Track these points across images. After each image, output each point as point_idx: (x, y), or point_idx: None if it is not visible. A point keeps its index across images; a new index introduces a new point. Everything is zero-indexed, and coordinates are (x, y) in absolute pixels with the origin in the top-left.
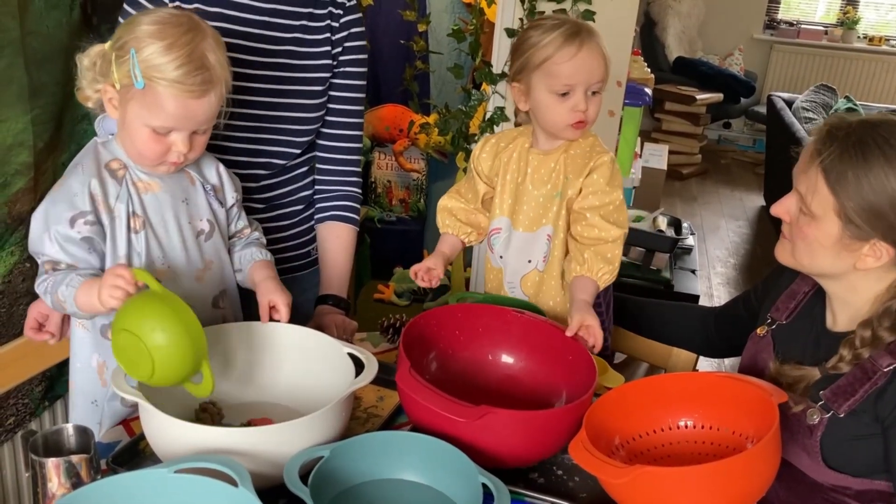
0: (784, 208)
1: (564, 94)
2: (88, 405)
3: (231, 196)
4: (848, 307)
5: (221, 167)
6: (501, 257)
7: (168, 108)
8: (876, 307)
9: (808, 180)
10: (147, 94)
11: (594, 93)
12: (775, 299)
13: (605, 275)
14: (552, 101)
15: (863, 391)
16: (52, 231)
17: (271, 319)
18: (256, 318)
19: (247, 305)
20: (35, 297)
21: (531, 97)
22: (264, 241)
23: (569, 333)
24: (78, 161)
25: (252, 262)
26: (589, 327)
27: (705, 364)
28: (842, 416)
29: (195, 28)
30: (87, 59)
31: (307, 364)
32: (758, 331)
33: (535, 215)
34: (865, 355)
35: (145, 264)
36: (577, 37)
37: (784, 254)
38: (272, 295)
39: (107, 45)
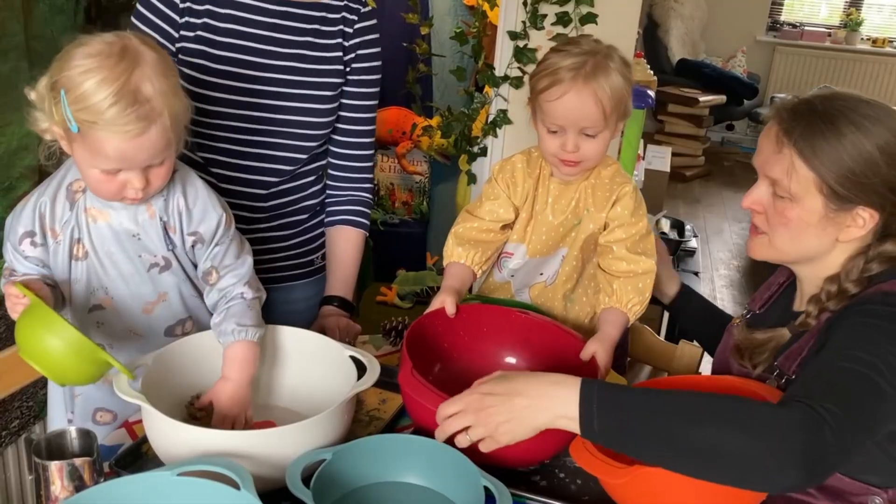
0: (755, 199)
1: (555, 132)
2: (61, 408)
3: (188, 239)
4: (819, 284)
5: (182, 201)
6: (513, 276)
7: (108, 151)
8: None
9: (782, 163)
10: (86, 137)
11: (590, 135)
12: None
13: (636, 306)
14: (545, 133)
15: (808, 347)
16: (8, 242)
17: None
18: None
19: None
20: None
21: (536, 120)
22: (248, 295)
23: (583, 357)
24: (53, 175)
25: (225, 347)
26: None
27: (708, 367)
28: (794, 377)
29: (129, 57)
30: (35, 94)
31: (309, 367)
32: (734, 321)
33: (553, 242)
34: (831, 308)
35: (86, 293)
36: (576, 75)
37: (760, 247)
38: (225, 409)
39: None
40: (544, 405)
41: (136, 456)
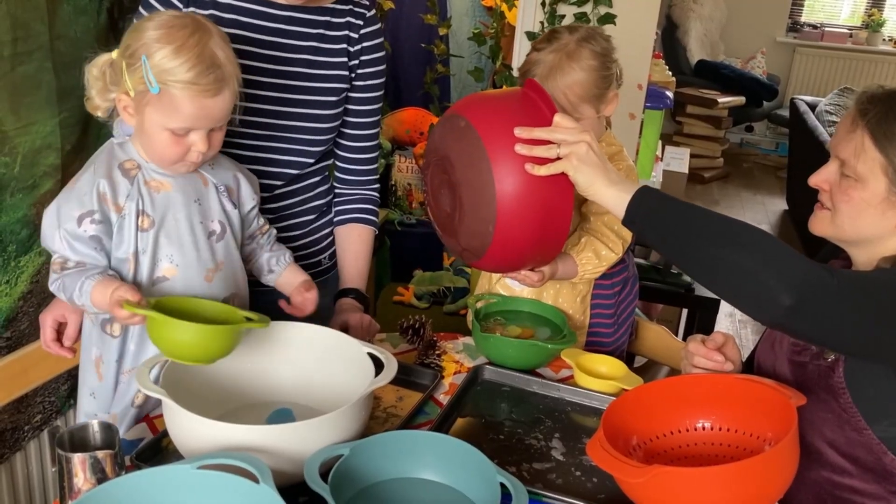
0: (823, 178)
1: None
2: (87, 396)
3: (251, 199)
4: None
5: (239, 171)
6: None
7: (185, 109)
8: None
9: (853, 143)
10: (163, 98)
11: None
12: None
13: (588, 265)
14: None
15: None
16: (62, 229)
17: None
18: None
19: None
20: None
21: None
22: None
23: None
24: (92, 160)
25: (287, 266)
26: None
27: None
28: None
29: (201, 28)
30: (96, 69)
31: (327, 363)
32: None
33: None
34: None
35: (152, 263)
36: (537, 76)
37: (822, 224)
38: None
39: (114, 53)
40: (616, 190)
41: (157, 450)
